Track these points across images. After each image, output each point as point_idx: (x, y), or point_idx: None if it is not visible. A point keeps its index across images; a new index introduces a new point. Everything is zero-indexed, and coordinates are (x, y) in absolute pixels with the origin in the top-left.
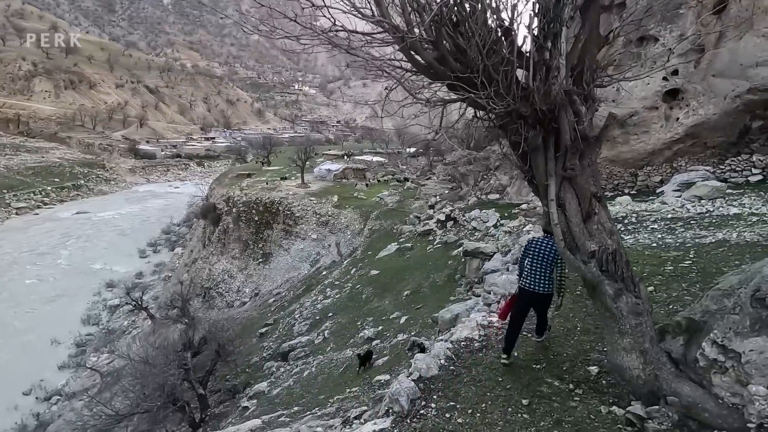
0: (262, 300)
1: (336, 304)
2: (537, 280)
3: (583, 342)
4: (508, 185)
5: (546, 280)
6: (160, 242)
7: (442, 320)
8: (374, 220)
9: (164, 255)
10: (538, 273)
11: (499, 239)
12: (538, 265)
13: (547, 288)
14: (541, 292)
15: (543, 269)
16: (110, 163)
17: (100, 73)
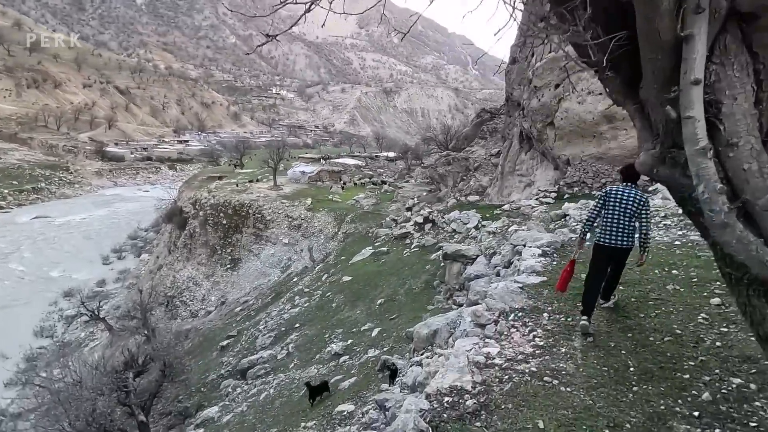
0: (228, 309)
1: (304, 314)
2: (618, 234)
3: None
4: (488, 186)
5: (628, 234)
6: (126, 248)
7: (418, 337)
8: (349, 223)
9: (129, 261)
10: (619, 225)
11: (482, 241)
12: (620, 217)
13: (629, 242)
14: (622, 246)
15: (625, 221)
16: (75, 166)
17: (66, 72)
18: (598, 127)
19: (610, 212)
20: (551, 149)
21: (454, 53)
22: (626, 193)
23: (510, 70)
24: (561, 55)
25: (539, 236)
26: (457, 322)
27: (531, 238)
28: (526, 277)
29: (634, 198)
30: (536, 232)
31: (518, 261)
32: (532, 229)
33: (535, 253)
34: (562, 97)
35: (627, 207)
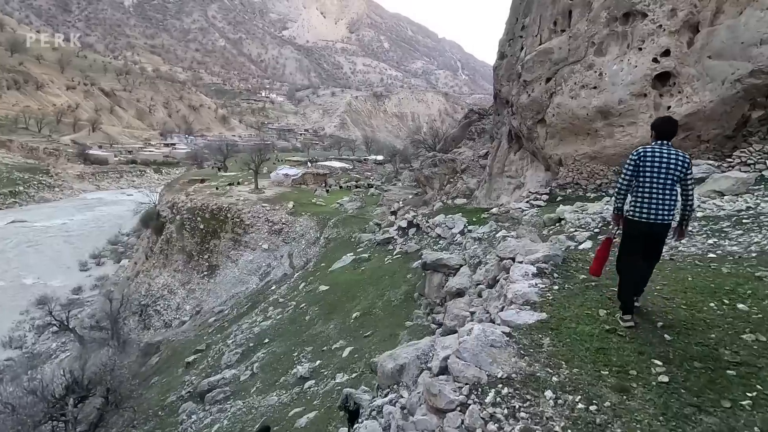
0: (202, 319)
1: (275, 328)
2: (659, 206)
3: None
4: (476, 189)
5: (671, 205)
6: (105, 253)
7: (383, 372)
8: (332, 228)
9: (109, 267)
10: (660, 195)
11: (467, 248)
12: (661, 185)
13: (671, 215)
14: (664, 221)
15: (667, 190)
16: (56, 169)
17: (49, 73)
18: (592, 124)
19: (648, 179)
20: (542, 148)
21: (444, 58)
22: (666, 154)
23: (498, 65)
24: (551, 47)
25: (533, 247)
26: (429, 355)
27: (522, 251)
28: (515, 314)
29: (676, 160)
30: (528, 241)
31: (505, 282)
32: (523, 237)
33: (528, 272)
34: (553, 92)
35: (669, 171)
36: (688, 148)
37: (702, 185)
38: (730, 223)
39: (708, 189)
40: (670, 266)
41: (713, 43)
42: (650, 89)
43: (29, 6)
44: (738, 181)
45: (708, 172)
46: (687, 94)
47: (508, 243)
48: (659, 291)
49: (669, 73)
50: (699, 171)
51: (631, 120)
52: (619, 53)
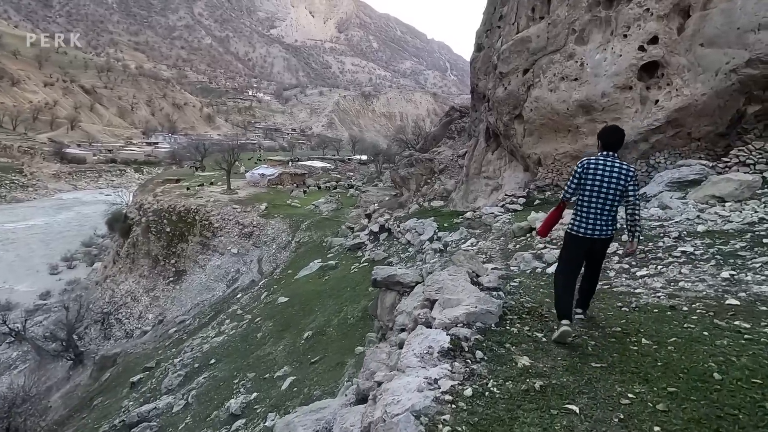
0: (164, 329)
1: (225, 346)
2: (599, 221)
3: None
4: (453, 190)
5: (611, 220)
6: (78, 256)
7: None
8: (304, 231)
9: (81, 271)
10: (602, 210)
11: (426, 261)
12: (603, 199)
13: (611, 230)
14: (603, 236)
15: (608, 204)
16: (30, 168)
17: (25, 69)
18: (573, 120)
19: (588, 192)
20: (520, 147)
21: (433, 59)
22: (609, 166)
23: (475, 58)
24: (529, 35)
25: (456, 294)
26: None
27: (445, 297)
28: None
29: (619, 172)
30: (463, 278)
31: (378, 389)
32: (460, 267)
33: (434, 348)
34: (531, 84)
35: (611, 185)
36: (677, 147)
37: (698, 189)
38: (746, 243)
39: (706, 194)
40: (673, 325)
41: (706, 29)
42: (636, 81)
43: (8, 1)
44: (742, 185)
45: (702, 173)
46: (677, 87)
47: (437, 278)
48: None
49: (657, 62)
50: (692, 172)
51: (616, 115)
52: (602, 41)
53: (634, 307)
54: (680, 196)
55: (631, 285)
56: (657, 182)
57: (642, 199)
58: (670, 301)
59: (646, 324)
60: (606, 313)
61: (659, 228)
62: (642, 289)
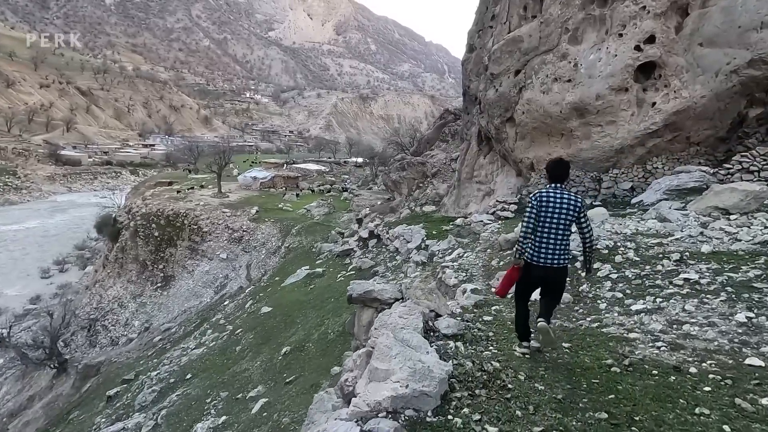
0: (149, 337)
1: (203, 360)
2: (553, 250)
3: None
4: (445, 195)
5: (565, 249)
6: (70, 259)
7: None
8: (294, 236)
9: (73, 274)
10: (555, 240)
11: (408, 274)
12: (556, 229)
13: (564, 259)
14: (555, 265)
15: (560, 234)
16: (25, 170)
17: (21, 70)
18: (566, 123)
19: (541, 223)
20: (512, 151)
21: (431, 61)
22: (560, 198)
23: (467, 59)
24: (521, 34)
25: (383, 363)
26: None
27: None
28: None
29: (568, 203)
30: (402, 321)
31: None
32: (416, 304)
33: None
34: (523, 86)
35: (562, 216)
36: (675, 152)
37: (699, 199)
38: (760, 272)
39: (708, 205)
40: (679, 408)
41: (705, 27)
42: (632, 82)
43: (5, 2)
44: (748, 196)
45: (702, 180)
46: (675, 88)
47: (384, 320)
48: None
49: (654, 63)
50: (692, 179)
51: (611, 118)
52: (596, 40)
53: (627, 366)
54: (680, 206)
55: (625, 324)
56: (654, 189)
57: (637, 207)
58: (674, 355)
59: (643, 402)
60: (591, 377)
61: (657, 247)
62: (638, 332)
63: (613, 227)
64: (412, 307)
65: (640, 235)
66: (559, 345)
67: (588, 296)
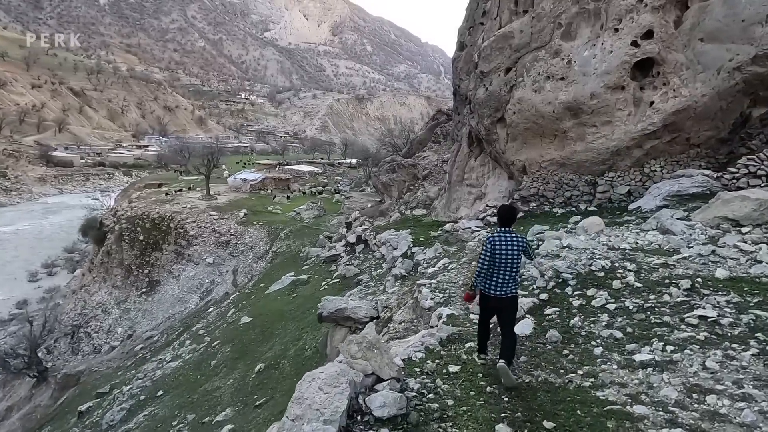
0: (132, 345)
1: (176, 375)
2: (503, 283)
3: None
4: (436, 198)
5: (513, 282)
6: (59, 262)
7: None
8: (282, 240)
9: (61, 278)
10: (506, 275)
11: (387, 289)
12: (505, 267)
13: (513, 290)
14: (507, 295)
15: (509, 270)
16: (15, 171)
17: (12, 71)
18: (560, 123)
19: (498, 263)
20: (503, 153)
21: (427, 62)
22: (509, 240)
23: (457, 57)
24: (512, 30)
25: None
26: None
27: None
28: None
29: (516, 244)
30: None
31: None
32: (333, 388)
33: None
34: (514, 85)
35: (510, 255)
36: (675, 154)
37: (706, 209)
38: None
39: (716, 215)
40: None
41: (706, 21)
42: (629, 80)
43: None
44: (762, 206)
45: (705, 185)
46: (674, 87)
47: (301, 392)
48: None
49: (652, 59)
50: (694, 184)
51: (606, 119)
52: (590, 36)
53: None
54: (683, 215)
55: (628, 386)
56: (653, 195)
57: (635, 214)
58: None
59: None
60: None
61: (663, 269)
62: (646, 403)
63: (610, 240)
64: (342, 372)
65: (640, 252)
66: (540, 424)
67: (580, 334)
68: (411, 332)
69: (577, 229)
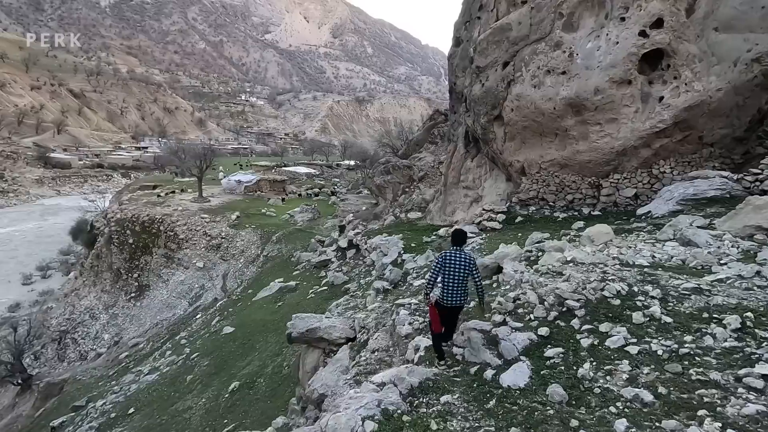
0: (117, 353)
1: (150, 390)
2: (456, 295)
3: None
4: (431, 201)
5: (461, 293)
6: (54, 265)
7: None
8: (274, 243)
9: (56, 281)
10: (456, 287)
11: (367, 305)
12: (455, 280)
13: (464, 300)
14: (456, 305)
15: (458, 283)
16: (12, 173)
17: (11, 72)
18: (561, 121)
19: (447, 276)
20: (500, 153)
21: (428, 64)
22: (458, 258)
23: (453, 53)
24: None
25: None
26: None
27: None
28: None
29: (464, 261)
30: None
31: None
32: None
33: None
34: (512, 80)
35: (458, 271)
36: (686, 154)
37: (733, 216)
38: None
39: (747, 224)
40: None
41: (721, 9)
42: (636, 74)
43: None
44: None
45: (725, 188)
46: (686, 81)
47: None
48: None
49: (661, 51)
50: (711, 187)
51: (611, 116)
52: (594, 26)
53: None
54: (704, 223)
55: None
56: (665, 199)
57: (645, 220)
58: None
59: None
60: None
61: (695, 295)
62: None
63: (622, 253)
64: None
65: (661, 270)
66: None
67: (593, 390)
68: (384, 365)
69: (582, 239)
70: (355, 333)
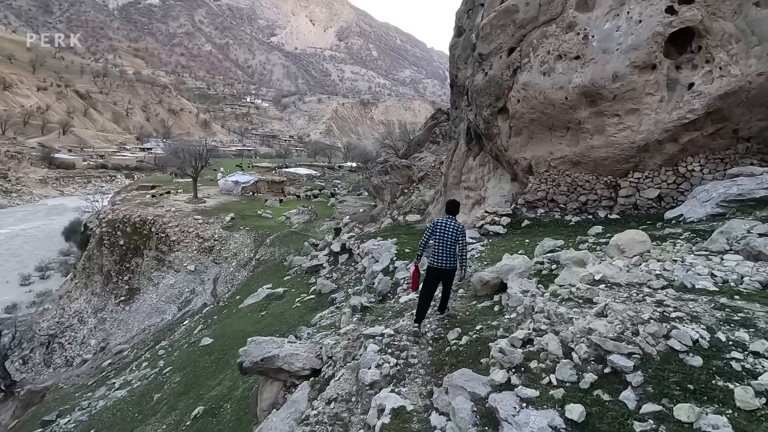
0: (101, 360)
1: (115, 410)
2: (444, 257)
3: None
4: (431, 202)
5: (452, 257)
6: (53, 265)
7: None
8: (268, 246)
9: (54, 281)
10: (443, 251)
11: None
12: (443, 244)
13: (453, 263)
14: (447, 267)
15: (448, 247)
16: (17, 173)
17: (18, 73)
18: (574, 113)
19: (435, 241)
20: (505, 150)
21: (433, 68)
22: (448, 225)
23: (455, 44)
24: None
25: None
26: None
27: None
28: None
29: (454, 228)
30: None
31: None
32: None
33: None
34: (518, 67)
35: (449, 236)
36: (718, 149)
37: None
38: None
39: None
40: None
41: None
42: (662, 57)
43: (8, 6)
44: None
45: None
46: (720, 64)
47: None
48: None
49: (692, 30)
50: (760, 186)
51: (632, 106)
52: (613, 4)
53: None
54: (766, 229)
55: None
56: (701, 200)
57: (679, 225)
58: None
59: None
60: None
61: None
62: None
63: (665, 269)
64: None
65: (741, 299)
66: None
67: None
68: (338, 427)
69: (608, 249)
70: (322, 363)
